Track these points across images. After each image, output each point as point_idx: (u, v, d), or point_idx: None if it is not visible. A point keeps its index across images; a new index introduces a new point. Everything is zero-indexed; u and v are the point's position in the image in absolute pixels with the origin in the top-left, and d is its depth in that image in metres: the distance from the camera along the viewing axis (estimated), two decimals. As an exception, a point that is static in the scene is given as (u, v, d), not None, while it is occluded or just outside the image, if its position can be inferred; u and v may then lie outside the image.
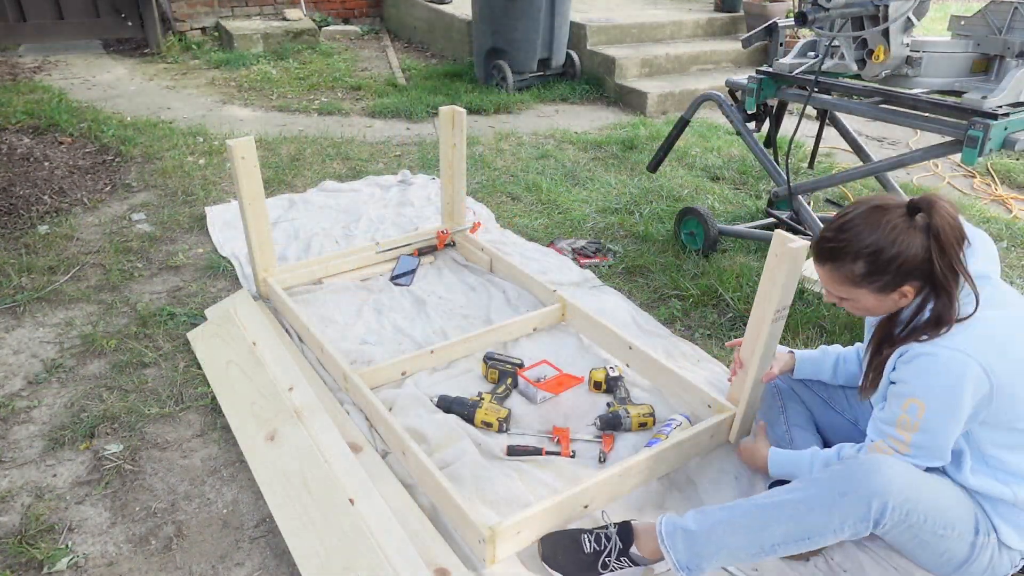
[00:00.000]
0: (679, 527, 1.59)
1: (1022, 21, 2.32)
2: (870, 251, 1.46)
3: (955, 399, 1.42)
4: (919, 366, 1.45)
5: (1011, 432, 1.49)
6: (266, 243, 2.71)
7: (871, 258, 1.47)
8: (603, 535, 1.66)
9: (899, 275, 1.47)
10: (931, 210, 1.44)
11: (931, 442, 1.48)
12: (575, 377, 2.29)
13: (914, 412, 1.45)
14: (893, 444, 1.51)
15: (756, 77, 2.87)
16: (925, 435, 1.47)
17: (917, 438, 1.48)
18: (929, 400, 1.44)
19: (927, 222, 1.44)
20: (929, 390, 1.44)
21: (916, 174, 4.39)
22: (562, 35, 5.78)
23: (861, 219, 1.48)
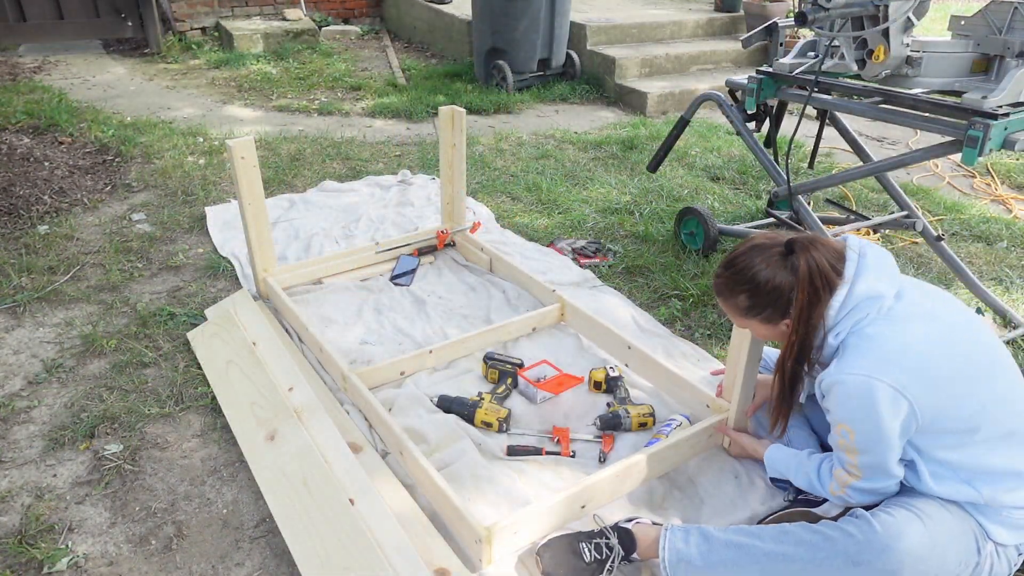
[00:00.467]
0: (683, 559, 1.58)
1: (1022, 21, 2.32)
2: (749, 287, 1.59)
3: (876, 419, 1.45)
4: (834, 394, 1.51)
5: (947, 434, 1.50)
6: (266, 243, 2.71)
7: (750, 292, 1.60)
8: (603, 544, 1.64)
9: (779, 308, 1.58)
10: (801, 249, 1.53)
11: (874, 461, 1.52)
12: (575, 377, 2.29)
13: (847, 436, 1.52)
14: (848, 468, 1.57)
15: (756, 77, 2.87)
16: (865, 456, 1.52)
17: (860, 460, 1.53)
18: (854, 424, 1.49)
19: (794, 261, 1.54)
20: (850, 415, 1.50)
21: (916, 174, 4.39)
22: (562, 35, 5.78)
23: (743, 257, 1.61)
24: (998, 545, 1.53)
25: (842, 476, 1.59)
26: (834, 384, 1.50)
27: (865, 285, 1.52)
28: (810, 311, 1.54)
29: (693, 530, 1.62)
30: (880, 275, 1.54)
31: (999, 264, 3.20)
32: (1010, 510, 1.52)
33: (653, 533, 1.65)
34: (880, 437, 1.47)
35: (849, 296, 1.52)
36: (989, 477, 1.51)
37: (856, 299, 1.52)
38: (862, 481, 1.56)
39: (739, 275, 1.60)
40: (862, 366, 1.47)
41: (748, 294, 1.60)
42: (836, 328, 1.54)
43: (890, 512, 1.50)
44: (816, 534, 1.51)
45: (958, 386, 1.48)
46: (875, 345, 1.48)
